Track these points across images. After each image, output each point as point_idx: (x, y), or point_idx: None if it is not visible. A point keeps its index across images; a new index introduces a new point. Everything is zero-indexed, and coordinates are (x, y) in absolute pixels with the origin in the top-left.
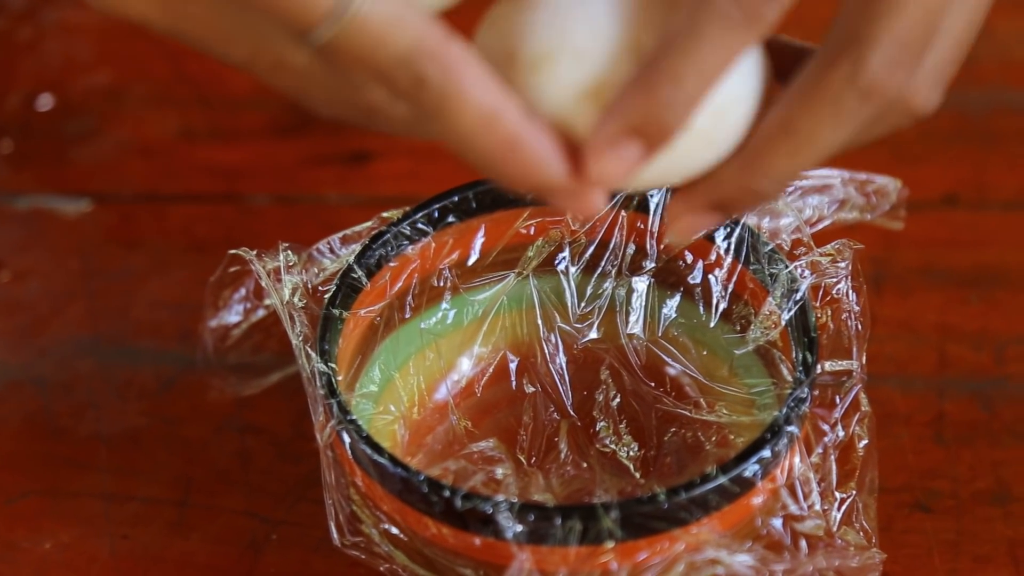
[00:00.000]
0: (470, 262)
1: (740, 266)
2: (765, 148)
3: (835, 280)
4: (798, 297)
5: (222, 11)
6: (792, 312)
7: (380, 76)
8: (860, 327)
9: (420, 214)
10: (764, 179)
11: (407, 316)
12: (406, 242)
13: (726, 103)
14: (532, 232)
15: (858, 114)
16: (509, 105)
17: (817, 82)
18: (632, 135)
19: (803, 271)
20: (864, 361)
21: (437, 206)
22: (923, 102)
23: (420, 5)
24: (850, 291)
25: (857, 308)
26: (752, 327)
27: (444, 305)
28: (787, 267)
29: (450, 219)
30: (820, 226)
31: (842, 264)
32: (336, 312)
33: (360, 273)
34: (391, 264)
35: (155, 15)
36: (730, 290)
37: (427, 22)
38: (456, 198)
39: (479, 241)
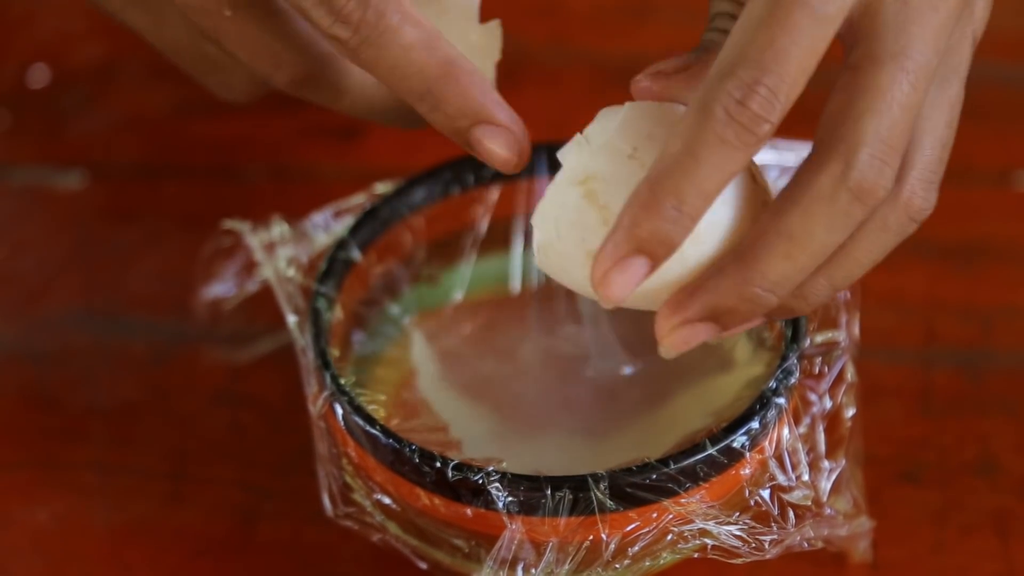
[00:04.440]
0: (462, 237)
1: None
2: (760, 252)
3: None
4: None
5: None
6: None
7: None
8: (848, 296)
9: (414, 187)
10: (761, 285)
11: (396, 291)
12: (399, 216)
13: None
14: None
15: (851, 214)
16: (441, 37)
17: (809, 184)
18: (637, 252)
19: None
20: (856, 330)
21: (431, 180)
22: (920, 203)
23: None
24: None
25: None
26: None
27: (433, 280)
28: None
29: (445, 192)
30: None
31: None
32: (329, 285)
33: (353, 247)
34: (384, 238)
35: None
36: None
37: None
38: (449, 173)
39: (471, 217)
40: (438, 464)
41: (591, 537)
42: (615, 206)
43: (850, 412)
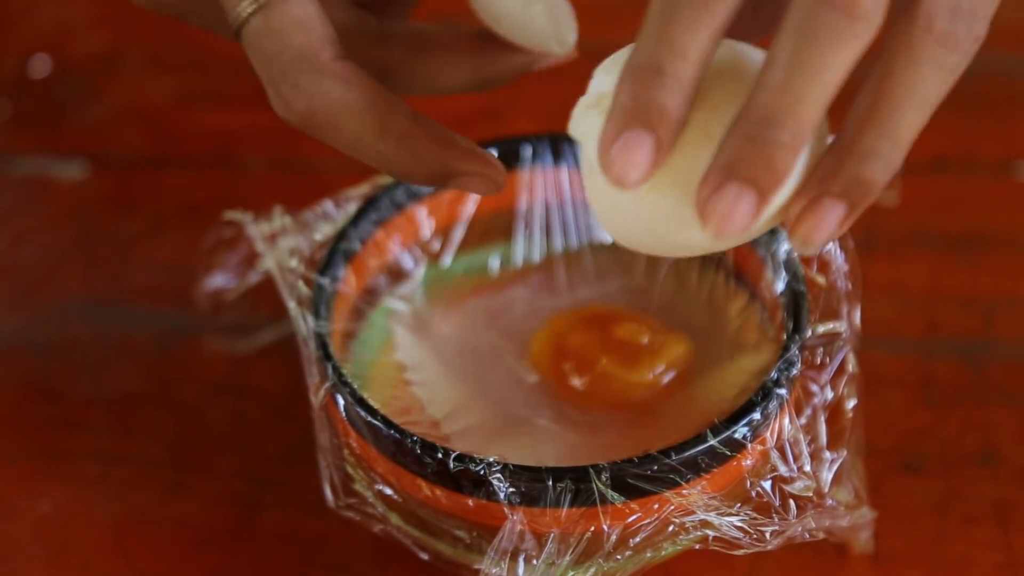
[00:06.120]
0: (461, 229)
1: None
2: (754, 89)
3: None
4: (789, 262)
5: None
6: (785, 279)
7: None
8: (850, 287)
9: None
10: (758, 118)
11: (397, 281)
12: (399, 207)
13: None
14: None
15: (831, 25)
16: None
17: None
18: (634, 125)
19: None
20: (858, 320)
21: None
22: (944, 26)
23: None
24: (837, 251)
25: (846, 267)
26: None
27: (434, 270)
28: (778, 234)
29: None
30: None
31: None
32: (330, 276)
33: (354, 238)
34: (384, 228)
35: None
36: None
37: None
38: None
39: (471, 207)
40: (440, 455)
41: (592, 528)
42: None
43: (851, 403)
